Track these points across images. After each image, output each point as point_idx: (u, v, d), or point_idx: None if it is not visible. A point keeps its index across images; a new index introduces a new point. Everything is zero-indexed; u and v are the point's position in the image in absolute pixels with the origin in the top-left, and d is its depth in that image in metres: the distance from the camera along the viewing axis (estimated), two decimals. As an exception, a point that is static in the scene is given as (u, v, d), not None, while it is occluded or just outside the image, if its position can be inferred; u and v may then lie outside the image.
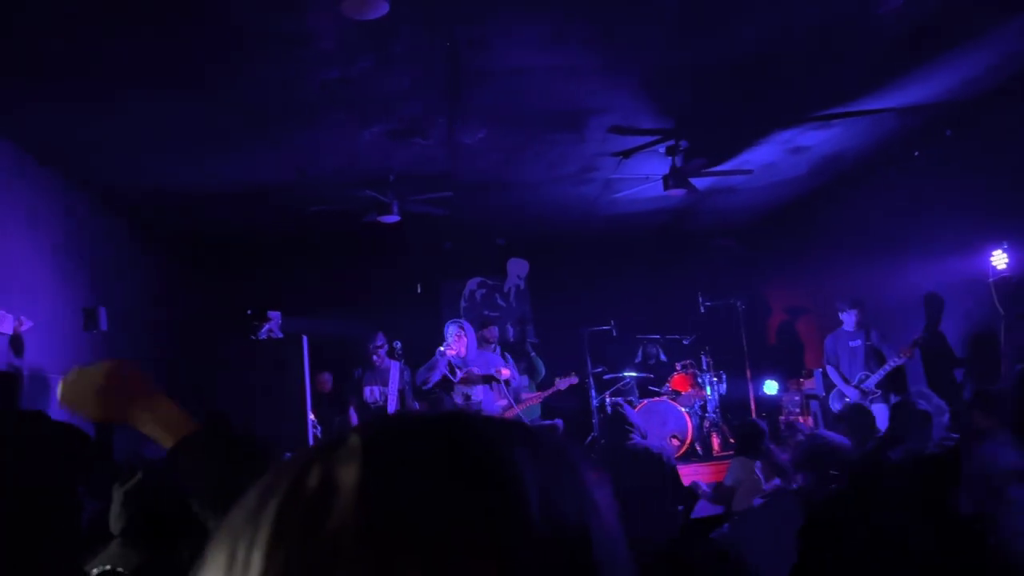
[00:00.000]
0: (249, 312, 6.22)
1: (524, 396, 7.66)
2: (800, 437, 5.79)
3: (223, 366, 5.95)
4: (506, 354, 7.78)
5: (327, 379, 8.09)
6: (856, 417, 5.19)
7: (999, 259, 5.96)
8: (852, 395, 6.93)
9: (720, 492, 5.24)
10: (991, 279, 6.03)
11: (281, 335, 6.21)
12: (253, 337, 6.08)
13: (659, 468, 4.92)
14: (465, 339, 6.95)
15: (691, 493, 5.34)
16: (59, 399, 1.25)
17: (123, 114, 5.28)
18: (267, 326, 6.09)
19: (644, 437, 5.20)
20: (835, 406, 7.03)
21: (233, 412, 5.83)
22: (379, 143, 6.14)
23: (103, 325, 6.39)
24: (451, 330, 6.96)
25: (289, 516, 0.43)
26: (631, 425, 5.14)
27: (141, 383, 1.25)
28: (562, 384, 7.64)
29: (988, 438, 3.81)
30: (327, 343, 7.49)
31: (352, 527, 0.41)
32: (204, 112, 5.38)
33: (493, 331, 7.73)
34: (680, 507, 5.18)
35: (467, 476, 0.44)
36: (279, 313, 6.34)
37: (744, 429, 5.43)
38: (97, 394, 1.22)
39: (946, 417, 4.18)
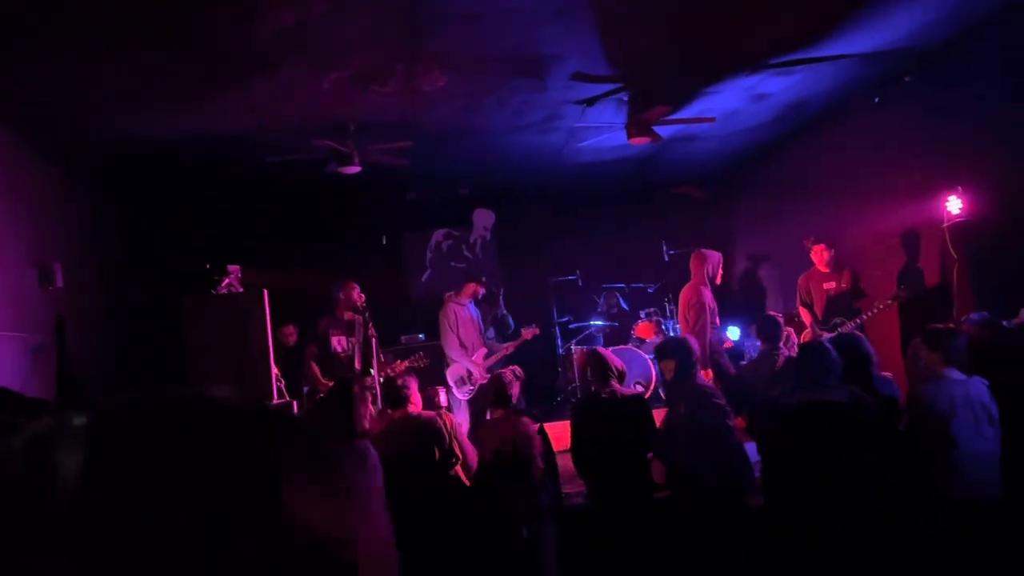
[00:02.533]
0: (208, 266, 6.12)
1: (496, 347, 7.73)
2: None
3: (184, 321, 5.87)
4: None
5: (291, 332, 8.05)
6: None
7: (953, 204, 6.05)
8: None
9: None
10: (945, 224, 6.13)
11: (241, 289, 6.14)
12: (213, 291, 6.00)
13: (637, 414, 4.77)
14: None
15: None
16: None
17: (75, 66, 5.10)
18: (227, 280, 6.01)
19: (622, 381, 5.03)
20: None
21: (195, 368, 5.78)
22: (337, 92, 6.02)
23: (59, 281, 6.27)
24: None
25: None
26: (612, 370, 4.85)
27: None
28: (528, 334, 7.73)
29: (932, 378, 3.93)
30: (291, 296, 7.43)
31: (71, 502, 0.41)
32: (158, 62, 5.21)
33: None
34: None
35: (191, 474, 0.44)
36: (239, 267, 6.25)
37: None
38: None
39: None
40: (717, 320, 6.85)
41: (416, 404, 4.85)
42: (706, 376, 6.02)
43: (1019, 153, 5.59)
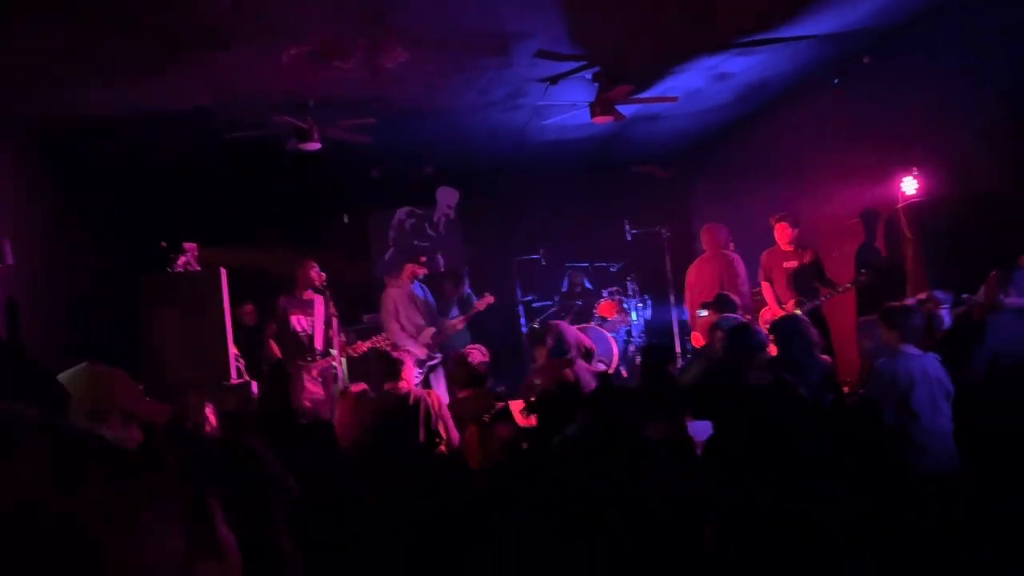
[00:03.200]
0: (164, 244, 5.99)
1: (445, 324, 7.62)
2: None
3: (139, 300, 5.76)
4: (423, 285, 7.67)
5: (250, 311, 7.94)
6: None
7: (909, 184, 6.15)
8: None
9: None
10: (900, 203, 6.24)
11: (198, 267, 6.03)
12: (169, 270, 5.88)
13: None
14: None
15: None
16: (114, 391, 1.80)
17: (27, 38, 4.93)
18: (183, 258, 5.89)
19: (589, 360, 5.00)
20: None
21: (153, 348, 5.68)
22: (297, 67, 5.90)
23: (9, 258, 6.10)
24: None
25: None
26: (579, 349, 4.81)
27: None
28: (480, 305, 7.58)
29: (889, 354, 4.02)
30: (250, 274, 7.32)
31: None
32: (112, 35, 5.06)
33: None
34: None
35: None
36: (196, 245, 6.13)
37: (650, 355, 4.87)
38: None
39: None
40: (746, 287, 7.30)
41: (408, 380, 4.83)
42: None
43: (973, 133, 5.70)
